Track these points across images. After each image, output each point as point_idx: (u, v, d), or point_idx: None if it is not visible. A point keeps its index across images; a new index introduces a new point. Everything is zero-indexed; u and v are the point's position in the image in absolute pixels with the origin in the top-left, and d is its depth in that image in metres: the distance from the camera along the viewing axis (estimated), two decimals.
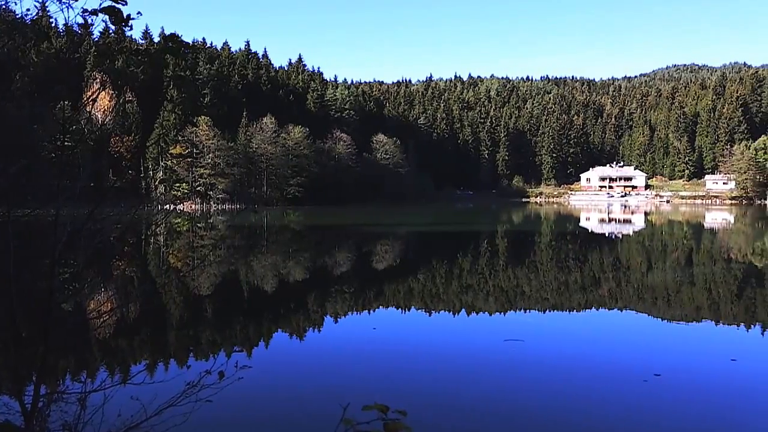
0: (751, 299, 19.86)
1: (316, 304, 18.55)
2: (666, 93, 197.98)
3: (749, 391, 10.22)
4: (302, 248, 38.18)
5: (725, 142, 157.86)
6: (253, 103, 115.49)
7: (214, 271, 25.97)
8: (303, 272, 26.46)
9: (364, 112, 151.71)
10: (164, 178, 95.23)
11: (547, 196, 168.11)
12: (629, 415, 8.87)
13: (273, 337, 14.16)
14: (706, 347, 13.63)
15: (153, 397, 5.17)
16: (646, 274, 25.84)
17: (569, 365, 11.73)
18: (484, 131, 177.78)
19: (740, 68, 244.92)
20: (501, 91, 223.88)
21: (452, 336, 14.52)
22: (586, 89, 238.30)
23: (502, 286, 22.52)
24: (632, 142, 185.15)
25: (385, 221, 67.27)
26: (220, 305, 18.50)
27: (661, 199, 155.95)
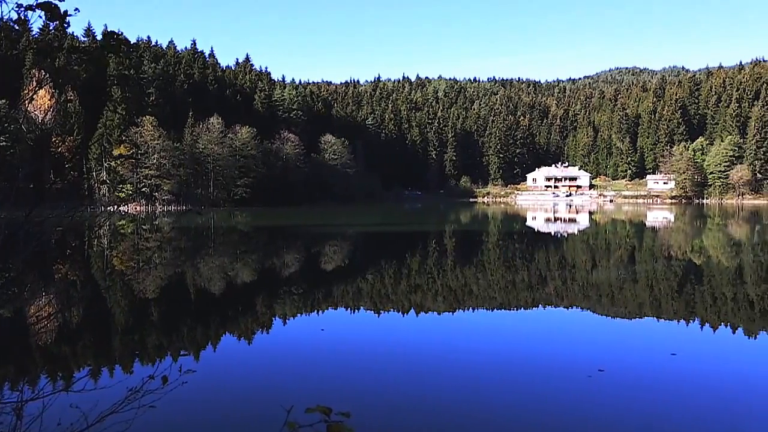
0: (691, 295, 20.40)
1: (264, 306, 18.39)
2: (609, 95, 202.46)
3: (688, 384, 10.51)
4: (250, 249, 37.82)
5: (665, 143, 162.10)
6: (200, 103, 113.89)
7: (160, 273, 25.55)
8: (251, 274, 26.21)
9: (312, 112, 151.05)
10: (107, 179, 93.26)
11: (494, 196, 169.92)
12: (574, 410, 9.02)
13: (220, 340, 13.98)
14: (647, 343, 13.95)
15: (94, 405, 5.04)
16: (591, 272, 26.31)
17: (516, 362, 11.87)
18: (431, 132, 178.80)
19: (679, 72, 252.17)
20: (449, 92, 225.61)
21: (400, 336, 14.54)
22: (532, 91, 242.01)
23: (450, 286, 22.66)
24: (577, 143, 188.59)
25: (334, 222, 67.14)
26: (166, 308, 18.18)
27: (605, 198, 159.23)
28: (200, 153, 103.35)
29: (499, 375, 11.00)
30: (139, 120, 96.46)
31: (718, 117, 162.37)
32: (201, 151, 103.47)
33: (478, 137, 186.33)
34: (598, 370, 10.90)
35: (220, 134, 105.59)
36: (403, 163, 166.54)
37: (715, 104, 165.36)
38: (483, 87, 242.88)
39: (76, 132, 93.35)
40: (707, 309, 17.95)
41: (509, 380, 10.66)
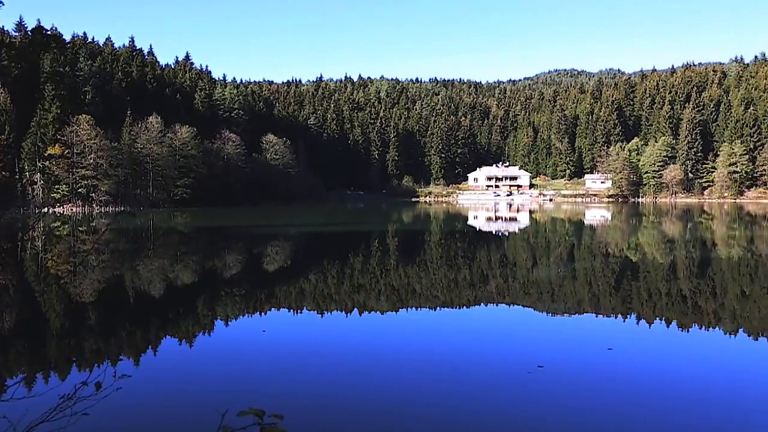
0: (627, 291, 20.90)
1: (205, 308, 18.10)
2: (548, 96, 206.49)
3: (624, 378, 10.76)
4: (191, 251, 37.22)
5: (602, 144, 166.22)
6: (138, 101, 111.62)
7: (97, 276, 24.94)
8: (192, 275, 25.79)
9: (253, 112, 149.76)
10: (41, 180, 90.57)
11: (436, 196, 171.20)
12: (514, 406, 9.14)
13: (158, 344, 13.69)
14: (586, 338, 14.25)
15: (23, 414, 4.86)
16: (532, 270, 26.70)
17: (457, 360, 11.95)
18: (374, 132, 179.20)
19: (615, 74, 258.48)
20: (391, 92, 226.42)
21: (342, 336, 14.50)
22: (473, 91, 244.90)
23: (393, 285, 22.71)
24: (517, 143, 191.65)
25: (276, 222, 66.64)
26: (103, 312, 17.73)
27: (545, 197, 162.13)
28: (139, 153, 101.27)
29: (439, 373, 11.06)
30: (74, 119, 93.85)
31: (652, 118, 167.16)
32: (140, 150, 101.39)
33: (420, 137, 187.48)
34: (537, 366, 11.08)
35: (160, 134, 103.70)
36: (345, 163, 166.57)
37: (649, 106, 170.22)
38: (425, 87, 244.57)
39: (8, 130, 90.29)
40: (643, 304, 18.42)
41: (450, 378, 10.72)
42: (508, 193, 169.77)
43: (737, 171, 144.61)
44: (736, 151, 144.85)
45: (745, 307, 18.07)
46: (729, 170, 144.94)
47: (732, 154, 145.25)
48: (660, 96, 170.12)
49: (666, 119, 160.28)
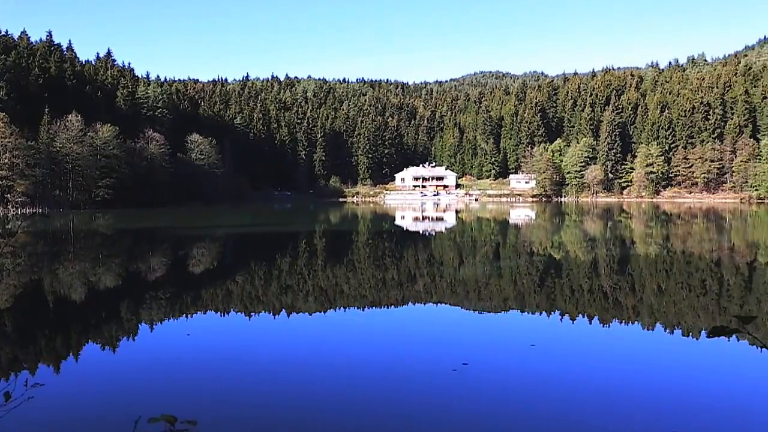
0: (551, 288, 21.39)
1: (128, 312, 17.63)
2: (474, 97, 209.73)
3: (544, 373, 11.01)
4: (113, 253, 36.21)
5: (526, 144, 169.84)
6: (57, 99, 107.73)
7: (14, 281, 24.00)
8: (114, 279, 25.08)
9: (178, 110, 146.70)
10: None
11: (364, 196, 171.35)
12: (438, 404, 9.22)
13: (78, 351, 13.25)
14: (510, 335, 14.54)
15: None
16: (458, 269, 27.03)
17: (383, 359, 12.00)
18: (301, 132, 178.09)
19: (539, 77, 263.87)
20: (318, 92, 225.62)
21: (268, 339, 14.34)
22: (400, 92, 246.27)
23: (320, 286, 22.63)
24: (443, 144, 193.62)
25: (202, 223, 65.52)
26: (20, 318, 17.06)
27: (471, 197, 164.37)
28: (58, 152, 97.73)
29: (365, 372, 11.08)
30: None
31: (574, 120, 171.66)
32: (58, 150, 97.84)
33: (347, 137, 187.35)
34: (462, 364, 11.22)
35: (80, 132, 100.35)
36: (272, 163, 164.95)
37: (571, 108, 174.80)
38: (352, 88, 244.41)
39: None
40: (566, 301, 18.88)
41: (375, 377, 10.75)
42: (434, 193, 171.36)
43: (654, 171, 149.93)
44: (652, 152, 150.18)
45: (662, 302, 18.74)
46: (646, 171, 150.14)
47: (649, 155, 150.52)
48: (581, 98, 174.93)
49: (587, 121, 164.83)
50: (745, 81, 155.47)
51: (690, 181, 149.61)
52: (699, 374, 11.25)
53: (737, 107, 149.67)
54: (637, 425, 8.45)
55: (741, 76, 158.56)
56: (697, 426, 8.44)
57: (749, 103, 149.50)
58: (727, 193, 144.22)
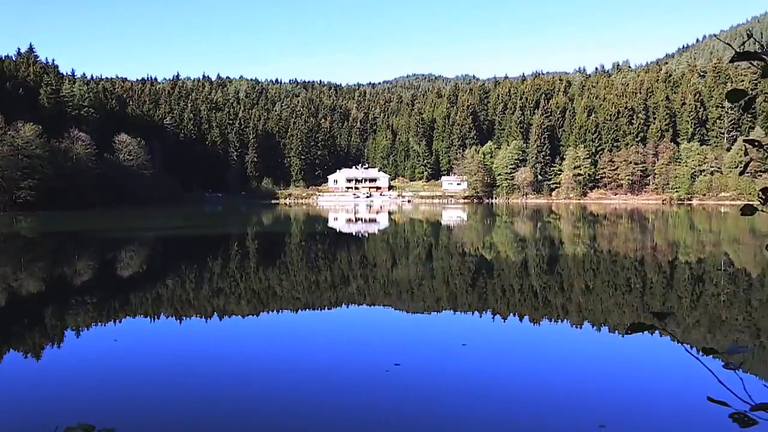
0: (483, 288, 21.73)
1: (53, 318, 17.09)
2: (407, 100, 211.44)
3: (475, 371, 11.18)
4: (37, 258, 34.98)
5: (458, 147, 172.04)
6: None
7: None
8: (38, 284, 24.25)
9: (105, 110, 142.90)
10: None
11: (297, 198, 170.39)
12: (371, 405, 9.26)
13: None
14: (441, 335, 14.71)
15: None
16: (391, 270, 27.17)
17: (315, 362, 11.96)
18: (233, 133, 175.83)
19: (470, 80, 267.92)
20: (250, 92, 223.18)
21: (198, 343, 14.06)
22: (333, 94, 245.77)
23: (253, 288, 22.42)
24: (376, 145, 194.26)
25: (130, 225, 63.99)
26: None
27: (404, 198, 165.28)
28: None
29: (297, 375, 11.02)
30: None
31: (504, 123, 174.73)
32: None
33: (280, 139, 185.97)
34: (394, 365, 11.29)
35: (0, 132, 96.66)
36: (203, 165, 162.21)
37: (502, 111, 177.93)
38: (285, 89, 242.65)
39: None
40: (497, 300, 19.21)
41: (308, 379, 10.70)
42: (367, 195, 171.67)
43: (581, 174, 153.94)
44: (579, 155, 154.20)
45: (589, 300, 19.26)
46: (574, 173, 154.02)
47: (576, 157, 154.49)
48: (512, 102, 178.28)
49: (517, 124, 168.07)
50: (666, 87, 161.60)
51: (615, 183, 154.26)
52: (623, 369, 11.60)
53: (659, 112, 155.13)
54: (565, 420, 8.66)
55: (662, 83, 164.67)
56: (621, 419, 8.70)
57: (670, 109, 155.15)
58: (650, 195, 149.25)
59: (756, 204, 2.18)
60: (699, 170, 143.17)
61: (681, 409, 9.12)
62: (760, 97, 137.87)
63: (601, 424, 8.30)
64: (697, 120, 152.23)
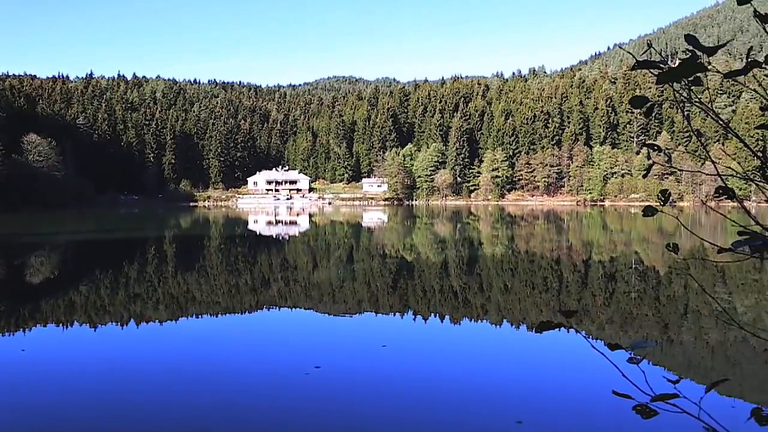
0: (403, 290, 21.91)
1: None
2: (327, 102, 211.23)
3: (395, 372, 11.29)
4: None
5: (378, 149, 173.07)
6: None
7: None
8: None
9: (12, 108, 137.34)
10: None
11: (216, 200, 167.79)
12: (291, 408, 9.21)
13: None
14: (362, 336, 14.78)
15: None
16: (313, 273, 27.09)
17: (233, 367, 11.83)
18: (149, 134, 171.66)
19: (390, 83, 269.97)
20: (167, 92, 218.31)
21: (112, 350, 13.67)
22: (253, 95, 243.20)
23: (171, 293, 21.96)
24: (297, 147, 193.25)
25: (41, 230, 61.54)
26: None
27: (324, 201, 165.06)
28: None
29: (216, 379, 10.87)
30: None
31: (424, 126, 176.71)
32: None
33: (198, 140, 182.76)
34: (314, 367, 11.28)
35: None
36: (118, 166, 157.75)
37: (422, 114, 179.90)
38: (203, 89, 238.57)
39: None
40: (418, 301, 19.41)
41: (226, 384, 10.57)
42: (288, 197, 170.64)
43: (499, 176, 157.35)
44: (497, 157, 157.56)
45: (508, 299, 19.69)
46: (492, 175, 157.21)
47: (494, 160, 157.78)
48: (431, 105, 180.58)
49: (437, 127, 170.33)
50: (580, 93, 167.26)
51: (532, 185, 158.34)
52: (538, 366, 11.91)
53: (573, 117, 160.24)
54: (484, 417, 8.84)
55: (576, 88, 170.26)
56: (537, 414, 8.94)
57: (583, 113, 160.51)
58: (565, 196, 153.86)
59: (656, 205, 2.32)
60: (611, 173, 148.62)
61: (591, 403, 9.46)
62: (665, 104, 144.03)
63: (518, 420, 8.51)
64: (608, 124, 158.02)
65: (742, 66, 1.97)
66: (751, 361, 12.34)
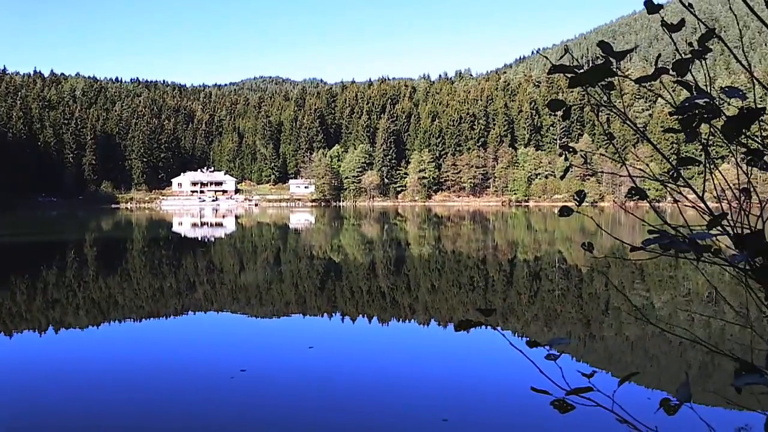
0: (331, 291, 21.91)
1: None
2: (254, 102, 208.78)
3: (321, 373, 11.28)
4: None
5: (305, 150, 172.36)
6: None
7: None
8: None
9: None
10: None
11: (139, 202, 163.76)
12: (216, 413, 9.09)
13: None
14: (289, 339, 14.70)
15: None
16: (239, 275, 26.79)
17: (158, 370, 11.60)
18: (68, 133, 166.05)
19: (318, 84, 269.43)
20: (87, 91, 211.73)
21: (31, 357, 13.23)
22: (177, 94, 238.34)
23: (93, 298, 21.34)
24: (222, 148, 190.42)
25: None
26: None
27: (251, 202, 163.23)
28: None
29: (139, 384, 10.64)
30: None
31: (351, 127, 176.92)
32: None
33: (121, 140, 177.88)
34: (240, 370, 11.17)
35: None
36: (35, 167, 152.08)
37: (349, 115, 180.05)
38: (126, 88, 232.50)
39: None
40: (346, 302, 19.43)
41: (150, 389, 10.36)
42: (213, 199, 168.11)
43: (426, 177, 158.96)
44: (424, 158, 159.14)
45: (435, 299, 19.92)
46: (419, 176, 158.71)
47: (421, 161, 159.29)
48: (359, 106, 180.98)
49: (364, 128, 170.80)
50: (505, 95, 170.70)
51: (458, 186, 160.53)
52: (463, 364, 12.10)
53: (498, 119, 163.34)
54: (411, 416, 8.92)
55: (501, 91, 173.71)
56: (462, 412, 9.08)
57: (508, 116, 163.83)
58: (491, 197, 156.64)
59: (571, 205, 2.41)
60: (535, 174, 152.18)
61: (513, 399, 9.67)
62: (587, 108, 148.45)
63: (444, 418, 8.63)
64: (532, 126, 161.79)
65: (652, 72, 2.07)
66: (667, 355, 12.84)
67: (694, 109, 2.05)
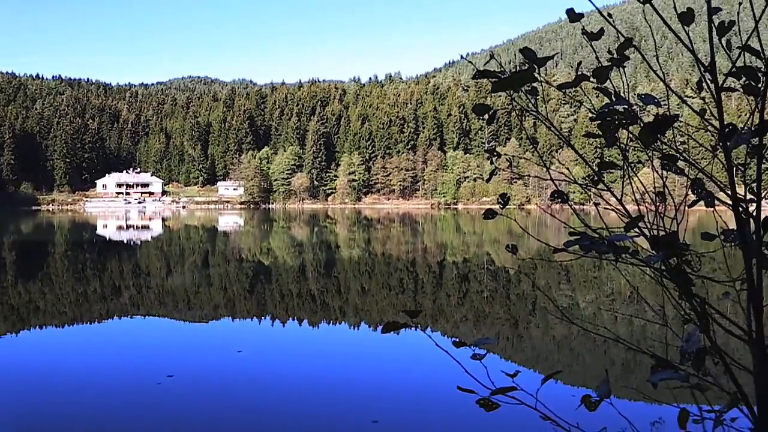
0: (261, 294, 21.71)
1: None
2: (181, 102, 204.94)
3: (250, 376, 11.22)
4: None
5: (235, 152, 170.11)
6: None
7: None
8: None
9: None
10: None
11: (61, 204, 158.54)
12: (142, 418, 8.92)
13: None
14: (217, 343, 14.53)
15: None
16: (166, 279, 26.27)
17: (83, 377, 11.30)
18: None
19: (247, 85, 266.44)
20: (5, 87, 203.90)
21: None
22: (102, 93, 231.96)
23: (11, 304, 20.55)
24: (149, 149, 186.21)
25: None
26: None
27: (178, 204, 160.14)
28: None
29: (62, 390, 10.34)
30: None
31: (281, 129, 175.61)
32: None
33: (42, 140, 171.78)
34: (167, 376, 10.96)
35: None
36: None
37: (279, 117, 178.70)
38: (47, 85, 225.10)
39: None
40: (276, 305, 19.28)
41: (74, 393, 10.08)
42: (139, 201, 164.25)
43: (356, 179, 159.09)
44: (354, 161, 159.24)
45: (365, 301, 19.95)
46: (349, 179, 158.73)
47: (351, 164, 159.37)
48: (288, 108, 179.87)
49: (294, 130, 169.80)
50: (434, 99, 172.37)
51: (388, 189, 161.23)
52: (393, 366, 12.20)
53: (427, 122, 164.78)
54: (341, 418, 8.92)
55: (431, 95, 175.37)
56: (392, 413, 9.14)
57: (437, 119, 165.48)
58: (420, 200, 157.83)
59: (496, 208, 2.47)
60: (463, 177, 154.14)
61: (441, 399, 9.78)
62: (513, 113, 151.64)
63: (374, 419, 8.66)
64: (461, 130, 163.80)
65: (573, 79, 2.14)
66: (591, 353, 13.20)
67: (613, 115, 2.12)
